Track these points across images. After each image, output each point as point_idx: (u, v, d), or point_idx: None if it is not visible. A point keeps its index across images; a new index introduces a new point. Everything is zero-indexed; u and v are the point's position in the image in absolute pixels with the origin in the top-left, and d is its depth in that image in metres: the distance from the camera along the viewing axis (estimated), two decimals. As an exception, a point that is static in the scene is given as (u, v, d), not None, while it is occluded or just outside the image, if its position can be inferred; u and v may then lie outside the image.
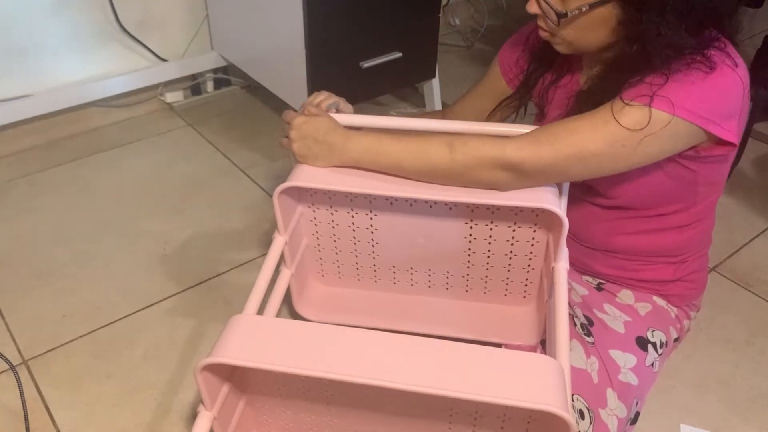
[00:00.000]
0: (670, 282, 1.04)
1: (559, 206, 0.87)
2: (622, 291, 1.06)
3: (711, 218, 1.04)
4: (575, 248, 1.07)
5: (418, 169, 0.89)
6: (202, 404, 0.77)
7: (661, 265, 1.04)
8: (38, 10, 1.60)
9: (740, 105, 0.84)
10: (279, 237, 0.98)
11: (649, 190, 0.95)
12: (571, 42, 0.89)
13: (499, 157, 0.85)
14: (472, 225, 0.99)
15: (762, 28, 2.02)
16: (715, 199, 1.00)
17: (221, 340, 0.74)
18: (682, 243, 1.02)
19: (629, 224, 1.01)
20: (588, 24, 0.85)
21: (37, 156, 1.71)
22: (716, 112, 0.81)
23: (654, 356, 0.99)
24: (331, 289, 1.15)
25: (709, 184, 0.95)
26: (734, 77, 0.81)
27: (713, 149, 0.87)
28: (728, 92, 0.81)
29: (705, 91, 0.80)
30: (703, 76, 0.80)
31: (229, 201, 1.57)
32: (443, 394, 0.67)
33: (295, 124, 0.94)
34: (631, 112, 0.81)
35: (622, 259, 1.05)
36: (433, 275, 1.09)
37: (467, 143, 0.87)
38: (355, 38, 1.53)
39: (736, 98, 0.82)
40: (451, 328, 1.07)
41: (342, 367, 0.69)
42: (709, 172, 0.92)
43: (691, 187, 0.95)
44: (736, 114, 0.84)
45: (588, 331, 0.98)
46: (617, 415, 0.91)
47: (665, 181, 0.93)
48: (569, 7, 0.84)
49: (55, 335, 1.22)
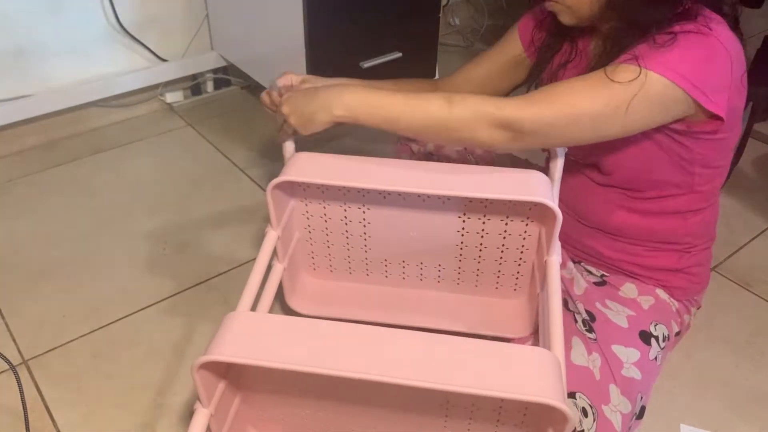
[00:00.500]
0: (674, 272, 1.05)
1: (552, 199, 0.88)
2: (625, 284, 1.06)
3: (713, 209, 1.05)
4: (576, 228, 1.08)
5: (414, 124, 0.88)
6: (198, 401, 0.78)
7: (665, 252, 1.04)
8: (38, 10, 1.60)
9: (729, 81, 0.86)
10: (272, 232, 0.98)
11: (644, 166, 0.96)
12: (571, 5, 0.91)
13: (497, 114, 0.85)
14: (465, 219, 1.00)
15: (762, 28, 2.02)
16: (714, 188, 1.01)
17: (217, 337, 0.74)
18: (683, 230, 1.02)
19: (627, 203, 1.02)
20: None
21: (37, 156, 1.71)
22: (706, 82, 0.83)
23: (657, 350, 0.99)
24: (323, 283, 1.15)
25: (705, 166, 0.96)
26: (724, 53, 0.84)
27: (703, 124, 0.89)
28: (717, 66, 0.84)
29: (696, 60, 0.83)
30: (695, 47, 0.83)
31: (229, 201, 1.57)
32: (439, 387, 0.67)
33: (283, 99, 0.94)
34: (626, 71, 0.83)
35: (623, 242, 1.05)
36: (425, 268, 1.09)
37: (466, 99, 0.87)
38: (355, 38, 1.53)
39: (724, 72, 0.85)
40: (442, 321, 1.08)
41: (337, 363, 0.70)
42: (703, 151, 0.93)
43: (687, 168, 0.95)
44: (724, 89, 0.85)
45: (590, 327, 0.98)
46: (621, 411, 0.91)
47: (659, 155, 0.94)
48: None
49: (55, 335, 1.22)
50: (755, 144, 1.79)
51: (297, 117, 0.93)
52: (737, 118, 0.93)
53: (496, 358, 0.70)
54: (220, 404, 0.81)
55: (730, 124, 0.89)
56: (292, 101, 0.93)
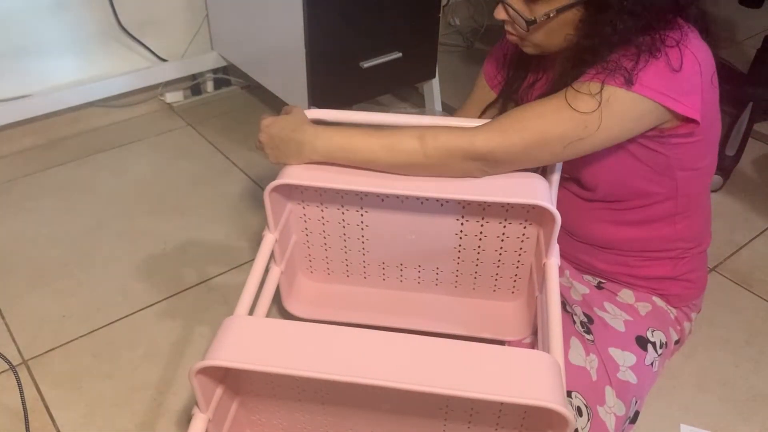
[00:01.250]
0: (669, 280, 1.05)
1: (550, 202, 0.88)
2: (622, 290, 1.06)
3: (702, 212, 1.04)
4: (569, 244, 1.08)
5: (391, 164, 0.91)
6: (196, 406, 0.77)
7: (658, 261, 1.04)
8: (38, 10, 1.60)
9: (699, 83, 0.85)
10: (269, 235, 0.98)
11: (623, 177, 0.96)
12: (538, 44, 0.92)
13: (470, 149, 0.86)
14: (463, 221, 0.99)
15: (762, 28, 2.02)
16: (700, 189, 1.01)
17: (215, 342, 0.74)
18: (674, 236, 1.02)
19: (614, 216, 1.02)
20: (555, 27, 0.88)
21: (37, 156, 1.72)
22: (673, 88, 0.83)
23: (654, 356, 0.99)
24: (321, 286, 1.15)
25: (684, 169, 0.95)
26: (689, 56, 0.84)
27: (677, 128, 0.88)
28: (685, 72, 0.83)
29: (661, 69, 0.83)
30: (660, 57, 0.83)
31: (229, 201, 1.57)
32: (438, 392, 0.67)
33: (263, 126, 0.95)
34: (590, 90, 0.83)
35: (617, 255, 1.05)
36: (423, 271, 1.09)
37: (438, 137, 0.88)
38: (355, 38, 1.53)
39: (692, 75, 0.84)
40: (441, 324, 1.08)
41: (335, 367, 0.69)
42: (680, 155, 0.93)
43: (667, 174, 0.95)
44: (696, 91, 0.85)
45: (588, 329, 0.98)
46: (615, 413, 0.91)
47: (636, 165, 0.94)
48: (537, 14, 0.87)
49: (55, 335, 1.22)
50: (755, 144, 1.79)
51: (272, 150, 0.95)
52: (714, 117, 0.93)
53: (496, 361, 0.70)
54: (218, 409, 0.81)
55: (707, 124, 0.89)
56: (271, 131, 0.94)
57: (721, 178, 1.61)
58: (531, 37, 0.91)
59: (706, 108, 0.87)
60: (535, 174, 0.92)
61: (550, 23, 0.87)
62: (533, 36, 0.91)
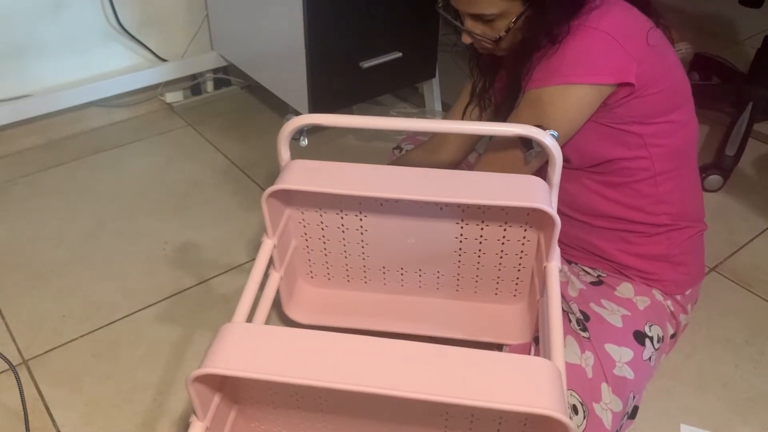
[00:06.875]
0: (665, 262, 1.06)
1: (550, 205, 0.87)
2: (622, 284, 1.07)
3: (687, 177, 1.06)
4: (565, 222, 1.09)
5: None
6: (194, 414, 0.77)
7: (654, 237, 1.05)
8: (38, 10, 1.60)
9: (622, 51, 0.90)
10: (267, 241, 0.97)
11: (591, 148, 1.01)
12: (507, 48, 1.00)
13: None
14: (462, 225, 0.99)
15: (762, 28, 2.02)
16: (675, 145, 1.02)
17: (212, 349, 0.72)
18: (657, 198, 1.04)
19: (597, 179, 1.05)
20: (515, 31, 0.97)
21: (37, 156, 1.71)
22: (596, 64, 0.91)
23: (651, 350, 1.00)
24: (321, 291, 1.15)
25: (646, 123, 0.98)
26: (596, 33, 0.90)
27: (617, 93, 0.94)
28: (597, 46, 0.91)
29: (580, 52, 0.91)
30: (577, 42, 0.91)
31: (229, 201, 1.57)
32: (439, 400, 0.66)
33: None
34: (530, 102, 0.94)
35: (608, 229, 1.07)
36: (423, 275, 1.09)
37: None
38: (355, 38, 1.53)
39: (611, 47, 0.90)
40: (442, 328, 1.07)
41: (334, 375, 0.68)
42: (630, 112, 0.96)
43: (625, 129, 0.98)
44: (621, 58, 0.91)
45: (584, 326, 0.98)
46: (612, 409, 0.91)
47: (592, 133, 0.99)
48: (499, 30, 0.96)
49: (55, 335, 1.22)
50: (755, 144, 1.79)
51: None
52: (666, 70, 0.96)
53: (496, 368, 0.69)
54: (216, 417, 0.80)
55: (653, 78, 0.93)
56: None
57: (721, 178, 1.60)
58: (499, 46, 0.99)
59: (648, 64, 0.92)
60: (535, 177, 0.92)
61: (513, 31, 0.96)
62: (501, 45, 0.99)
